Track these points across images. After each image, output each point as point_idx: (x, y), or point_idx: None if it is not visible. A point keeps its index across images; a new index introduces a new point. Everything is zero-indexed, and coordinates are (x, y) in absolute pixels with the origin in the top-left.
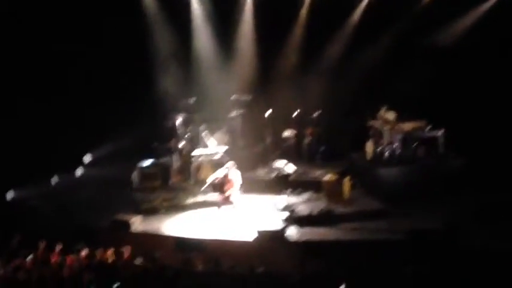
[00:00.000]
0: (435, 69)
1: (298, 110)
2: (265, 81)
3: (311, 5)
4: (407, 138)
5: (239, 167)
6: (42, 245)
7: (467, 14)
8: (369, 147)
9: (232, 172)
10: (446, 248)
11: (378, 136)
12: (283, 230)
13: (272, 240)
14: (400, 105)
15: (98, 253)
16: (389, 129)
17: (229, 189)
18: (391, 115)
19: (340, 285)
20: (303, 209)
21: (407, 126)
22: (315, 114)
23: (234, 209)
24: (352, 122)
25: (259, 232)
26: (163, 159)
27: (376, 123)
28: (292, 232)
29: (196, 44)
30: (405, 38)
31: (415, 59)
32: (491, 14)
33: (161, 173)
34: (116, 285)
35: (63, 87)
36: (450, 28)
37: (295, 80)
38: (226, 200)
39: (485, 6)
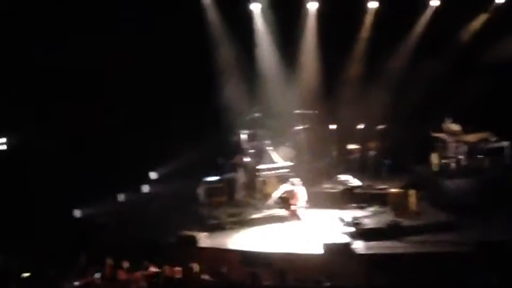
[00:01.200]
0: (497, 82)
1: (363, 124)
2: (329, 94)
3: (374, 16)
4: (472, 150)
5: (304, 182)
6: (109, 262)
7: None
8: (434, 159)
9: (297, 187)
10: None
11: (443, 148)
12: (349, 244)
13: (338, 253)
14: (465, 117)
15: (165, 270)
16: (455, 141)
17: (295, 203)
18: (455, 127)
19: None
20: (369, 222)
21: (473, 137)
22: (379, 128)
23: (301, 223)
24: (416, 134)
25: (325, 245)
26: (229, 175)
27: (441, 135)
28: (359, 245)
29: (259, 57)
30: (466, 52)
31: (478, 71)
32: None
33: (227, 188)
34: None
35: (128, 104)
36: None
37: (359, 93)
38: (293, 215)
39: None
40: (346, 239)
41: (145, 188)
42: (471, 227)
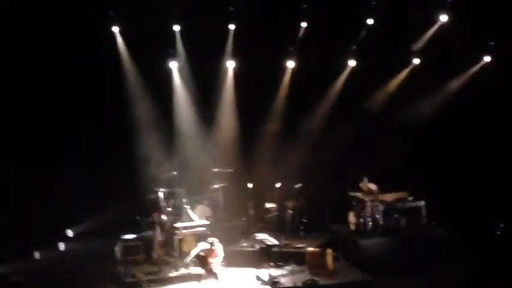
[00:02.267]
0: (413, 143)
1: (280, 183)
2: (246, 153)
3: (292, 76)
4: (389, 209)
5: (221, 240)
6: None
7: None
8: (351, 218)
9: (214, 245)
10: None
11: (360, 207)
12: None
13: None
14: (382, 177)
15: None
16: (372, 200)
17: (212, 262)
18: (372, 186)
19: None
20: (286, 281)
21: (389, 197)
22: (297, 186)
23: (218, 282)
24: (334, 193)
25: None
26: (146, 233)
27: (358, 194)
28: None
29: (178, 114)
30: (381, 113)
31: (393, 133)
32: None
33: (144, 246)
34: None
35: (43, 159)
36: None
37: (276, 152)
38: (210, 273)
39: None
40: None
41: (62, 246)
42: (386, 286)
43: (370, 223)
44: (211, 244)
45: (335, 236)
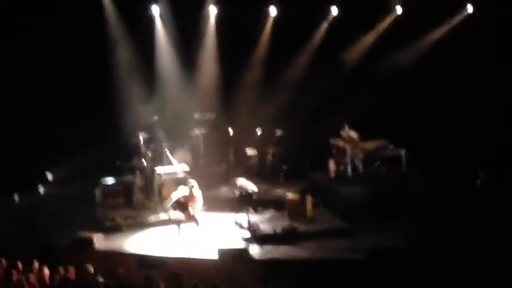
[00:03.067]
0: (394, 92)
1: (260, 129)
2: (228, 99)
3: (274, 23)
4: (369, 157)
5: (201, 186)
6: (3, 262)
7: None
8: (331, 165)
9: (194, 190)
10: (408, 266)
11: (340, 155)
12: (245, 249)
13: (234, 258)
14: (362, 125)
15: (59, 271)
16: (352, 147)
17: (191, 207)
18: (353, 134)
19: None
20: (265, 228)
21: (370, 145)
22: (277, 133)
23: (197, 227)
24: (314, 140)
25: (221, 250)
26: (127, 177)
27: (338, 142)
28: (255, 250)
29: (159, 59)
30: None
31: (374, 82)
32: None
33: (124, 190)
34: None
35: (23, 104)
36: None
37: (258, 99)
38: (189, 218)
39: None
40: (242, 244)
41: (41, 189)
42: (365, 234)
43: (350, 171)
44: (191, 187)
45: (315, 183)
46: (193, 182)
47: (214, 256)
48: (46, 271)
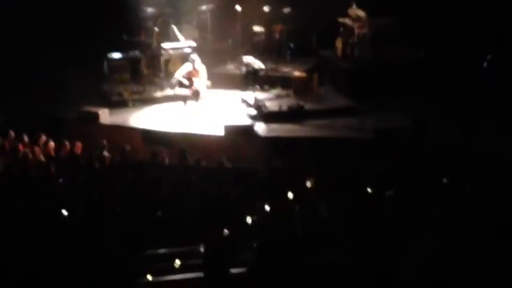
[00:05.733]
0: None
1: (268, 6)
2: None
3: None
4: (376, 36)
5: (208, 62)
6: (11, 134)
7: None
8: (339, 44)
9: (196, 65)
10: (412, 146)
11: (347, 33)
12: (251, 126)
13: (240, 135)
14: (370, 2)
15: (66, 145)
16: (359, 26)
17: (196, 81)
18: (361, 12)
19: (308, 181)
20: (271, 105)
21: (377, 23)
22: (285, 11)
23: (202, 103)
24: (322, 19)
25: (226, 127)
26: (133, 52)
27: (346, 21)
28: (260, 128)
29: None
30: None
31: None
32: None
33: (130, 65)
34: None
35: None
36: None
37: None
38: (195, 94)
39: None
40: (248, 121)
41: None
42: (370, 113)
43: (357, 50)
44: (193, 61)
45: (322, 61)
46: (195, 56)
47: (220, 132)
48: (52, 144)
